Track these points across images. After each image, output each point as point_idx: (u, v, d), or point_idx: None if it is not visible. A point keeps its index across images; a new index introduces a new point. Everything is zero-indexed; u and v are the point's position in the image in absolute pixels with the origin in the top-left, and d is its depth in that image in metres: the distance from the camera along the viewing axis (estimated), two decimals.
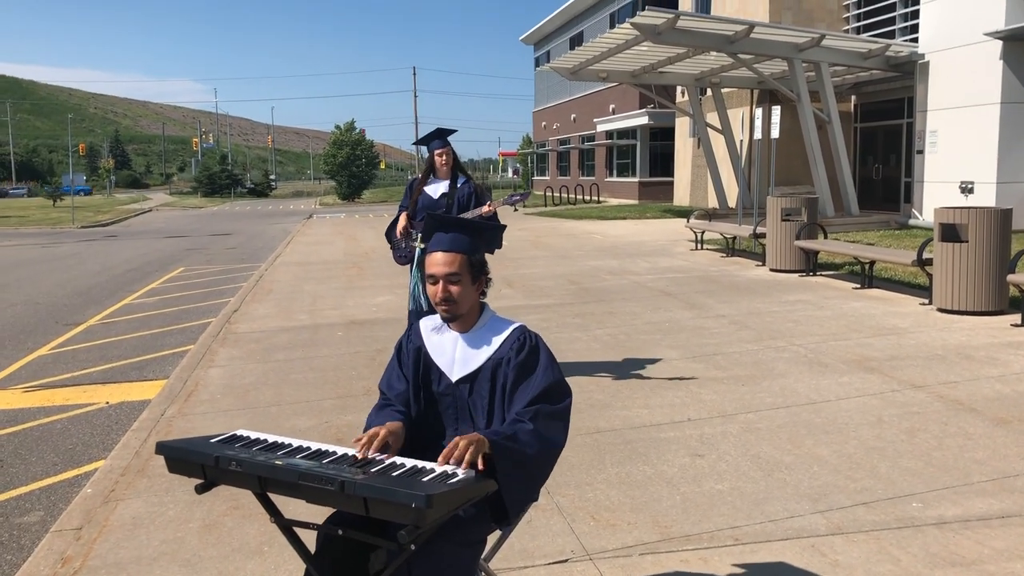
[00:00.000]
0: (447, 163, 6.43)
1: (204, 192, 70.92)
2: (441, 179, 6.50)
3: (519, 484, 2.50)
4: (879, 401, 5.95)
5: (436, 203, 6.42)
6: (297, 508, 3.88)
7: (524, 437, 2.52)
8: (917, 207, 19.41)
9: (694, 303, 10.27)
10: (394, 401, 2.84)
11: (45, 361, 8.67)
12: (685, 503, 4.27)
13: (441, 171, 6.47)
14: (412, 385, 2.85)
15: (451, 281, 2.71)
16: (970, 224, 8.97)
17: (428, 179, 6.51)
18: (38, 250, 23.18)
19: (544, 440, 2.57)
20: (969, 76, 17.52)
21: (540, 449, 2.55)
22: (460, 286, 2.72)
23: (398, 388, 2.86)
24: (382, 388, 2.91)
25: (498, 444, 2.43)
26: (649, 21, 17.08)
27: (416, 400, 2.84)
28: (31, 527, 4.58)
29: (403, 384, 2.86)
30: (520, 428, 2.55)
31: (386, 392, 2.88)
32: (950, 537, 3.81)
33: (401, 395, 2.84)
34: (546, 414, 2.62)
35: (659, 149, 36.18)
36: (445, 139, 6.44)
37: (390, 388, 2.88)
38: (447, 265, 2.71)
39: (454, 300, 2.72)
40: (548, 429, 2.60)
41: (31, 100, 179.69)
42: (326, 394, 6.61)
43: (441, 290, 2.72)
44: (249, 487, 2.39)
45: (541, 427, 2.58)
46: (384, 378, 2.92)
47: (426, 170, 6.56)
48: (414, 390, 2.85)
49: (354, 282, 13.29)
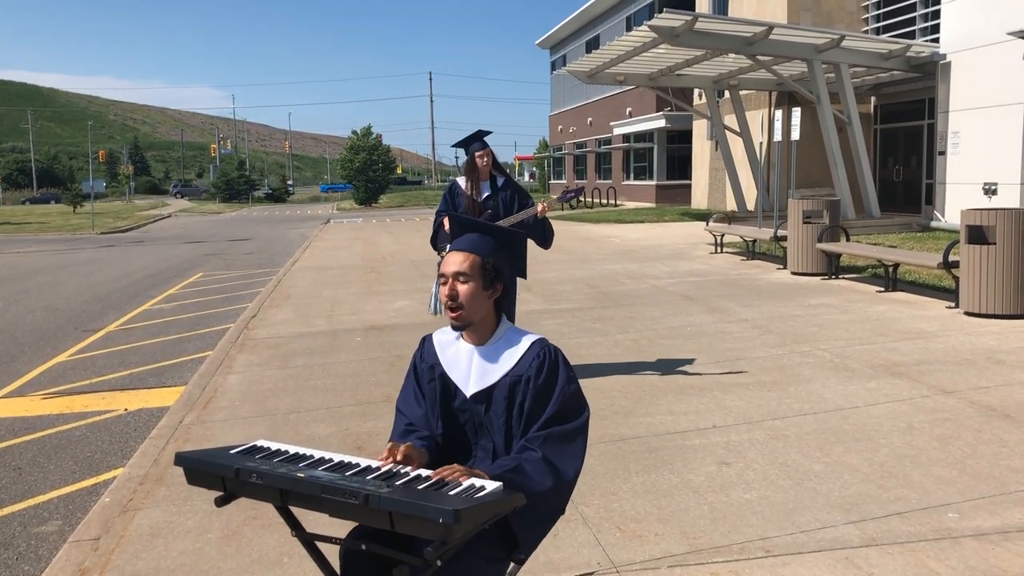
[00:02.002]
0: (488, 163, 6.52)
1: (222, 198, 71.30)
2: (483, 180, 6.55)
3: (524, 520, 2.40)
4: (909, 407, 5.82)
5: (483, 205, 6.45)
6: (318, 521, 3.83)
7: (530, 469, 2.41)
8: (939, 209, 19.17)
9: (715, 307, 10.15)
10: (416, 424, 2.73)
11: (64, 367, 8.66)
12: (713, 513, 4.17)
13: (483, 172, 6.54)
14: (429, 404, 2.75)
15: (459, 280, 2.60)
16: (998, 226, 8.80)
17: (472, 183, 6.52)
18: (58, 256, 23.32)
19: (553, 469, 2.45)
20: (992, 76, 17.29)
21: (548, 481, 2.43)
22: (469, 287, 2.59)
23: (417, 412, 2.75)
24: (402, 409, 2.79)
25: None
26: (667, 23, 16.97)
27: (437, 419, 2.73)
28: (49, 536, 4.54)
29: (421, 407, 2.75)
30: (527, 458, 2.44)
31: (406, 414, 2.77)
32: (989, 549, 3.69)
33: (421, 418, 2.74)
34: (558, 436, 2.51)
35: (676, 152, 36.01)
36: (484, 140, 6.55)
37: (410, 411, 2.77)
38: (458, 264, 2.61)
39: (460, 302, 2.59)
40: (560, 455, 2.48)
41: (52, 108, 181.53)
42: (345, 401, 6.54)
43: (449, 288, 2.61)
44: (270, 500, 2.31)
45: (552, 453, 2.47)
46: (403, 398, 2.82)
47: (469, 173, 6.54)
48: (431, 408, 2.74)
49: (372, 287, 13.25)
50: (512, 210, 6.46)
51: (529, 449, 2.48)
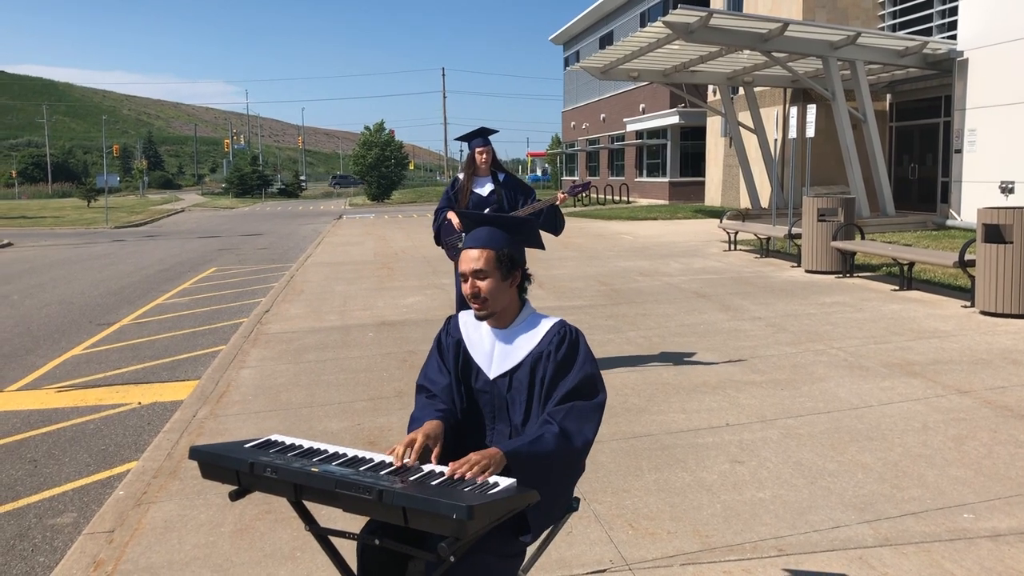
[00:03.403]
0: (487, 160, 6.63)
1: (235, 193, 71.52)
2: (483, 176, 6.66)
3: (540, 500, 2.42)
4: (924, 407, 5.78)
5: (486, 200, 6.56)
6: (331, 515, 3.83)
7: (549, 443, 2.47)
8: (955, 207, 19.04)
9: (729, 305, 10.11)
10: (439, 395, 2.78)
11: (79, 361, 8.71)
12: (726, 511, 4.15)
13: (481, 168, 6.65)
14: (454, 378, 2.80)
15: (478, 277, 2.68)
16: (1015, 225, 8.73)
17: (472, 178, 6.62)
18: (73, 250, 23.46)
19: (570, 442, 2.51)
20: (1010, 73, 17.14)
21: (565, 454, 2.50)
22: (489, 282, 2.68)
23: (441, 383, 2.80)
24: (423, 384, 2.84)
25: (516, 460, 2.37)
26: (682, 19, 16.90)
27: (458, 393, 2.79)
28: (64, 528, 4.56)
29: (446, 378, 2.81)
30: (546, 432, 2.50)
31: (429, 387, 2.81)
32: (1005, 551, 3.66)
33: (445, 389, 2.79)
34: (578, 411, 2.57)
35: (689, 149, 35.89)
36: (487, 138, 6.64)
37: (433, 383, 2.81)
38: (474, 261, 2.69)
39: (483, 297, 2.68)
40: (578, 427, 2.55)
41: (66, 102, 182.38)
42: (358, 396, 6.56)
43: (470, 286, 2.69)
44: (284, 494, 2.32)
45: (571, 426, 2.54)
46: (423, 373, 2.86)
47: (468, 169, 6.65)
48: (455, 384, 2.79)
49: (384, 283, 13.27)
50: (516, 204, 6.60)
51: (548, 423, 2.54)
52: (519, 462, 2.37)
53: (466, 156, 6.80)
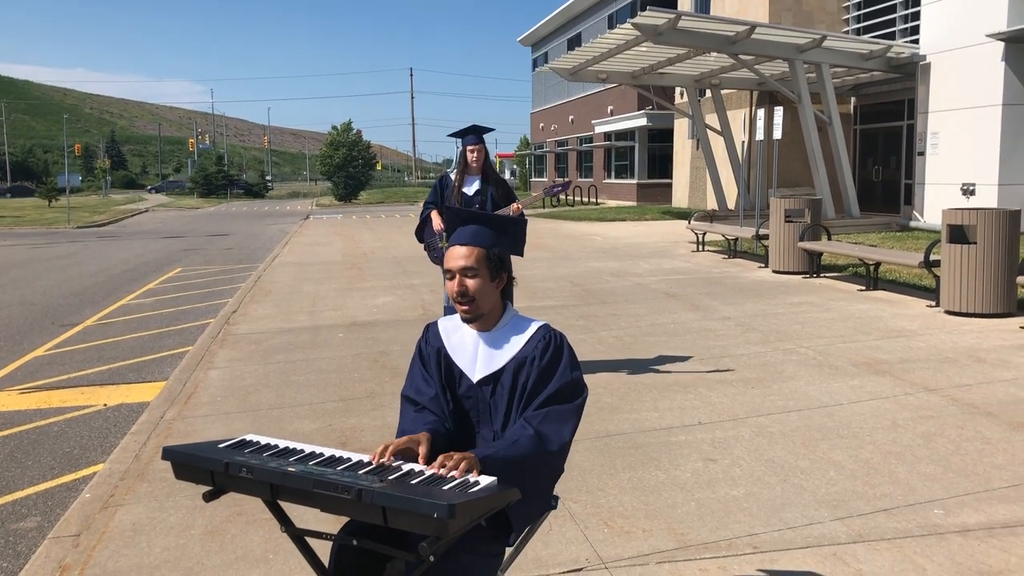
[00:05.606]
0: (479, 159, 6.61)
1: (200, 193, 70.67)
2: (473, 175, 6.65)
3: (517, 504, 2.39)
4: (892, 404, 5.85)
5: (470, 200, 6.53)
6: (304, 516, 3.78)
7: (525, 447, 2.44)
8: (918, 209, 19.34)
9: (698, 305, 10.17)
10: (427, 406, 2.70)
11: (41, 362, 8.54)
12: (700, 509, 4.16)
13: (472, 167, 6.64)
14: (439, 387, 2.74)
15: (467, 275, 2.62)
16: (979, 225, 8.88)
17: (463, 177, 6.60)
18: (33, 250, 23.02)
19: (546, 444, 2.48)
20: (971, 78, 17.45)
21: (541, 458, 2.47)
22: (477, 281, 2.62)
23: (428, 393, 2.73)
24: (409, 395, 2.76)
25: (492, 466, 2.32)
26: (650, 21, 16.99)
27: (445, 401, 2.73)
28: (28, 533, 4.46)
29: (432, 388, 2.73)
30: (522, 437, 2.47)
31: (416, 398, 2.73)
32: (975, 545, 3.70)
33: (432, 400, 2.72)
34: (556, 414, 2.55)
35: (657, 151, 36.09)
36: (480, 136, 6.62)
37: (420, 393, 2.74)
38: (463, 258, 2.62)
39: (471, 296, 2.62)
40: (556, 430, 2.53)
41: (26, 100, 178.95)
42: (329, 396, 6.49)
43: (457, 284, 2.63)
44: (260, 495, 2.27)
45: (548, 429, 2.51)
46: (409, 384, 2.79)
47: (460, 167, 6.64)
48: (441, 392, 2.73)
49: (354, 283, 13.17)
50: (499, 205, 6.60)
51: (525, 427, 2.51)
52: (495, 468, 2.33)
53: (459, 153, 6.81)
